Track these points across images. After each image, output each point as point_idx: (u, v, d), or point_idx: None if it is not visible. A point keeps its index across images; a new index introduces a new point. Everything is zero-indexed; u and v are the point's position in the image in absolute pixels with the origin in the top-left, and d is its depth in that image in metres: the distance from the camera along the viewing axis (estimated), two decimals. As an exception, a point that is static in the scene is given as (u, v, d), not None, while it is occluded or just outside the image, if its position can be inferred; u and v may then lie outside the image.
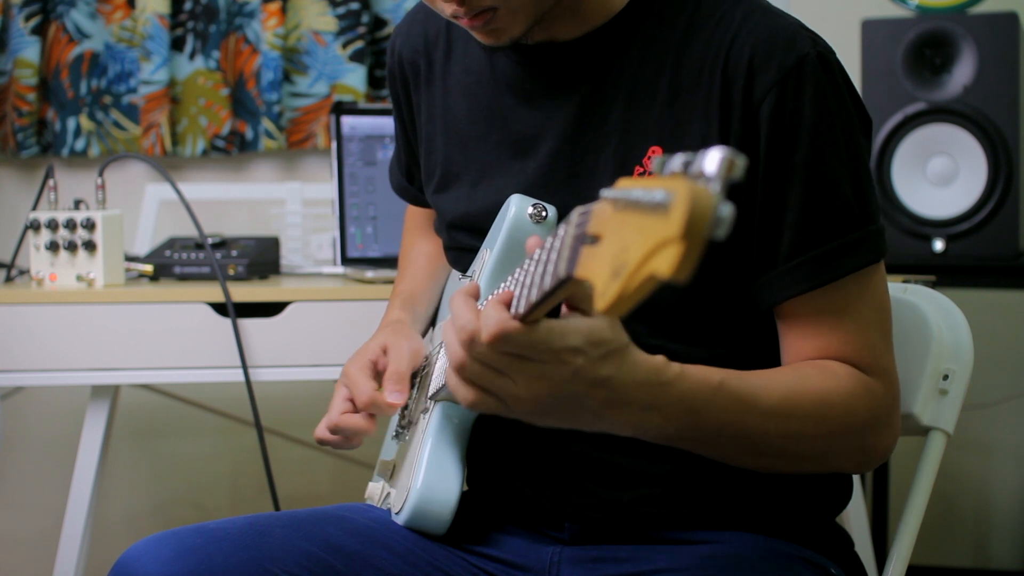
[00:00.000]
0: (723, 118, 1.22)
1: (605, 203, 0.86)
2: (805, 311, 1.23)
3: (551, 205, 1.26)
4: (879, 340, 1.24)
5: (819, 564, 1.29)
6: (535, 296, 0.96)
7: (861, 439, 1.24)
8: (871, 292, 1.24)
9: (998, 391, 2.81)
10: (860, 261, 1.22)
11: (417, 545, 1.30)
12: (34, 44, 2.72)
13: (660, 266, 0.76)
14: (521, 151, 1.32)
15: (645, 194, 0.78)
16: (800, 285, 1.22)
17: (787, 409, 1.18)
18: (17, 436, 2.78)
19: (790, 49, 1.21)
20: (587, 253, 0.87)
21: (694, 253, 0.75)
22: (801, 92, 1.20)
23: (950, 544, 2.90)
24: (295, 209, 2.42)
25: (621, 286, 0.79)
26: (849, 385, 1.21)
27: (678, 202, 0.75)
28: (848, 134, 1.23)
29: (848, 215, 1.22)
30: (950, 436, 1.41)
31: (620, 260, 0.80)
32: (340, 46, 2.80)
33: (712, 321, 1.26)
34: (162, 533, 1.26)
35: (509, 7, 1.21)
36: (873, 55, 2.41)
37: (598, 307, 0.82)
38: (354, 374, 1.35)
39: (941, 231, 2.37)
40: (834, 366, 1.22)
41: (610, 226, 0.84)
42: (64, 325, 1.96)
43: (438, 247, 1.51)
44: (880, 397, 1.23)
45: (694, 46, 1.24)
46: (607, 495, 1.28)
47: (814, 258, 1.21)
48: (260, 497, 2.66)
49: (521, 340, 1.00)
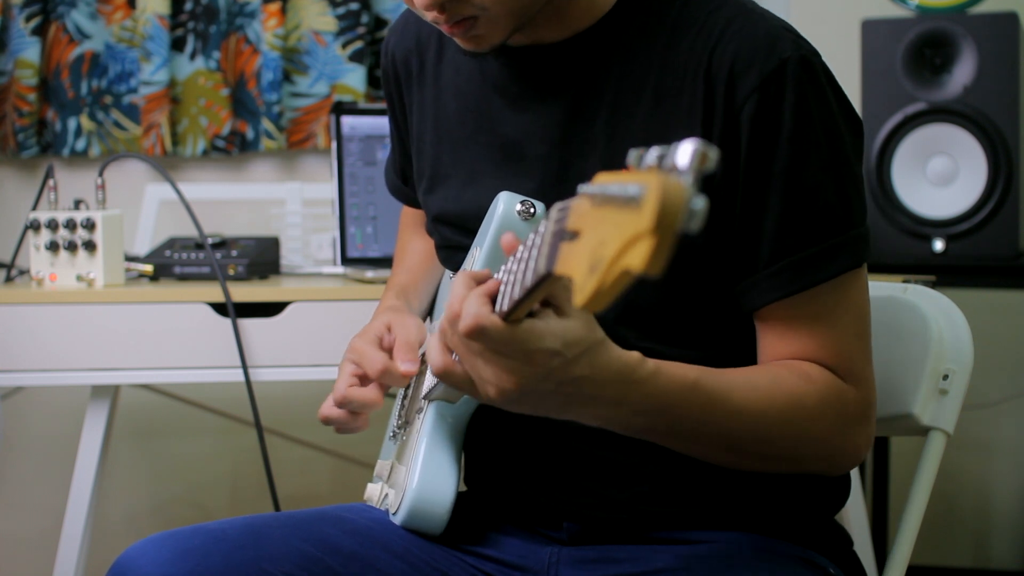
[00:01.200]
0: (706, 122, 1.21)
1: (583, 198, 0.86)
2: (783, 315, 1.22)
3: (540, 202, 1.26)
4: (856, 346, 1.24)
5: (818, 564, 1.29)
6: (518, 294, 0.97)
7: (831, 443, 1.23)
8: (850, 298, 1.23)
9: (998, 391, 2.81)
10: (839, 267, 1.21)
11: (415, 545, 1.30)
12: (34, 44, 2.72)
13: (633, 260, 0.76)
14: (509, 154, 1.32)
15: (620, 188, 0.78)
16: (778, 291, 1.21)
17: (760, 409, 1.17)
18: (17, 436, 2.78)
19: (771, 53, 1.20)
20: (566, 249, 0.87)
21: (665, 246, 0.75)
22: (782, 96, 1.19)
23: (950, 544, 2.90)
24: (295, 209, 2.42)
25: (598, 281, 0.79)
26: (822, 389, 1.21)
27: (649, 195, 0.75)
28: (831, 137, 1.22)
29: (829, 220, 1.21)
30: (950, 436, 1.41)
31: (597, 255, 0.80)
32: (340, 46, 2.80)
33: (700, 324, 1.26)
34: (160, 534, 1.26)
35: (489, 15, 1.20)
36: (873, 55, 2.41)
37: (576, 302, 0.82)
38: (363, 347, 1.34)
39: (941, 231, 2.37)
40: (808, 369, 1.21)
41: (588, 221, 0.84)
42: (64, 325, 1.96)
43: (432, 245, 1.51)
44: (852, 403, 1.23)
45: (678, 49, 1.24)
46: (605, 493, 1.28)
47: (792, 264, 1.21)
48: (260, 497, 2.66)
49: (496, 337, 1.00)
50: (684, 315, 1.25)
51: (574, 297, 0.82)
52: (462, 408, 1.30)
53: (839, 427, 1.23)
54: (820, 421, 1.21)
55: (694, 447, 1.19)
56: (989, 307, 2.77)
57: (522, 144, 1.31)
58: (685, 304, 1.24)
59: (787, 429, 1.20)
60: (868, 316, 1.26)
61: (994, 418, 2.84)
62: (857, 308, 1.24)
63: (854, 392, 1.23)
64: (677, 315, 1.24)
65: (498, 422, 1.33)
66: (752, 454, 1.21)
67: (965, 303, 1.52)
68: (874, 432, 1.26)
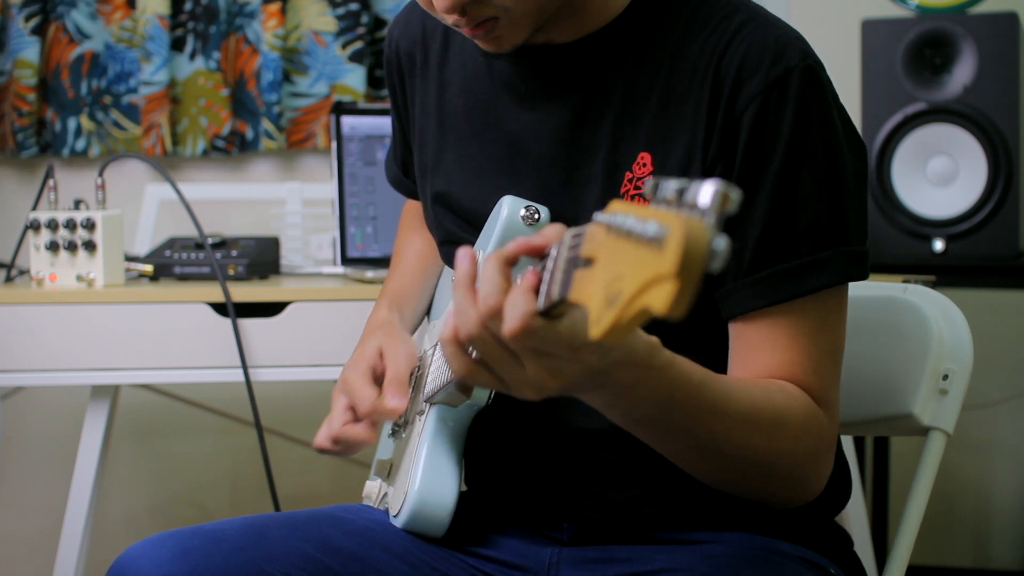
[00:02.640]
0: (708, 127, 1.20)
1: (598, 226, 0.85)
2: (759, 327, 1.20)
3: (544, 207, 1.26)
4: (829, 370, 1.22)
5: (818, 564, 1.29)
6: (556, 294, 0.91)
7: (804, 467, 1.21)
8: (830, 319, 1.21)
9: (998, 391, 2.81)
10: (821, 281, 1.19)
11: (415, 546, 1.30)
12: (34, 44, 2.72)
13: (655, 302, 0.75)
14: (515, 152, 1.31)
15: (639, 224, 0.77)
16: (758, 300, 1.20)
17: (750, 419, 1.16)
18: (17, 436, 2.78)
19: (778, 60, 1.19)
20: (580, 276, 0.86)
21: (689, 290, 0.74)
22: (783, 104, 1.18)
23: (950, 544, 2.90)
24: (295, 209, 2.42)
25: (616, 316, 0.79)
26: (804, 410, 1.19)
27: (672, 239, 0.74)
28: (829, 149, 1.20)
29: (818, 233, 1.19)
30: (950, 436, 1.41)
31: (614, 288, 0.79)
32: (340, 46, 2.80)
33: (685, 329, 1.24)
34: (159, 534, 1.26)
35: (511, 16, 1.20)
36: (873, 55, 2.41)
37: (592, 334, 0.81)
38: (354, 382, 1.33)
39: (941, 231, 2.37)
40: (791, 388, 1.20)
41: (603, 250, 0.83)
42: (64, 325, 1.96)
43: (430, 242, 1.51)
44: (824, 429, 1.21)
45: (688, 53, 1.23)
46: (605, 495, 1.28)
47: (774, 274, 1.19)
48: (260, 497, 2.66)
49: (544, 336, 0.94)
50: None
51: (589, 328, 0.81)
52: (464, 412, 1.30)
53: (813, 452, 1.21)
54: (801, 440, 1.19)
55: (682, 450, 1.18)
56: (989, 307, 2.77)
57: (528, 143, 1.30)
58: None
59: (771, 443, 1.18)
60: (843, 342, 1.23)
61: (994, 418, 2.84)
62: (835, 331, 1.22)
63: (826, 418, 1.21)
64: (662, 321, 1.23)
65: (499, 424, 1.32)
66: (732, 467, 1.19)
67: (965, 303, 1.52)
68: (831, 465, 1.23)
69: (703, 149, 1.20)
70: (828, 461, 1.23)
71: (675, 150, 1.22)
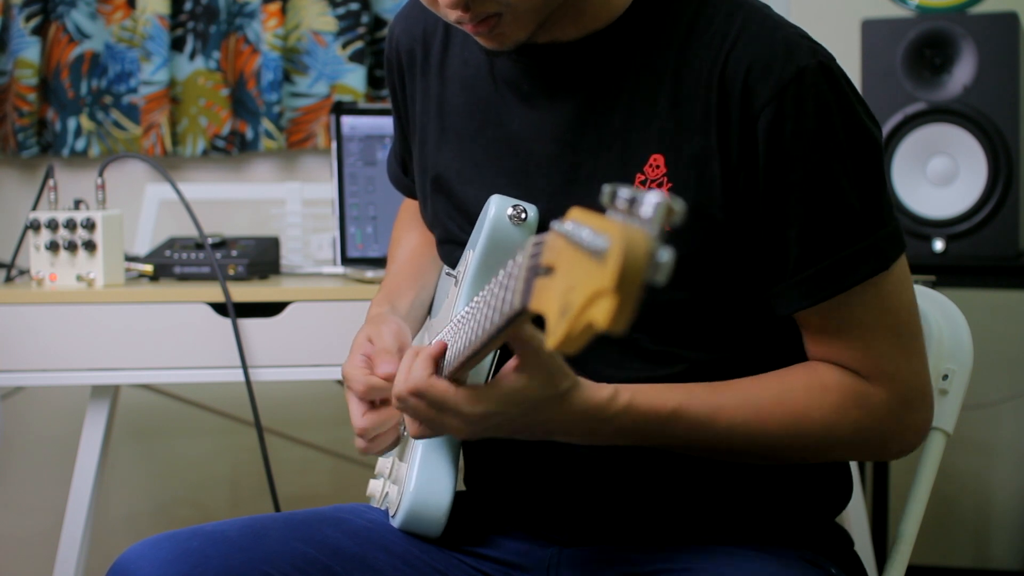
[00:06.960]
0: (721, 130, 1.20)
1: (558, 235, 0.85)
2: (813, 321, 1.23)
3: (532, 206, 1.26)
4: (889, 345, 1.23)
5: (819, 564, 1.29)
6: (467, 350, 1.04)
7: (849, 449, 1.26)
8: (880, 299, 1.22)
9: (998, 391, 2.81)
10: (864, 273, 1.20)
11: (415, 546, 1.30)
12: (34, 44, 2.72)
13: (596, 316, 0.76)
14: (516, 151, 1.31)
15: (590, 236, 0.78)
16: (805, 300, 1.21)
17: (757, 423, 1.20)
18: (17, 436, 2.78)
19: (788, 61, 1.19)
20: (541, 285, 0.87)
21: (628, 305, 0.74)
22: (802, 105, 1.18)
23: (950, 544, 2.90)
24: (295, 209, 2.42)
25: (567, 328, 0.79)
26: (835, 400, 1.22)
27: (613, 252, 0.74)
28: (854, 141, 1.20)
29: (854, 225, 1.20)
30: (950, 436, 1.41)
31: (567, 299, 0.80)
32: (340, 46, 2.80)
33: (720, 327, 1.25)
34: (159, 535, 1.26)
35: (514, 13, 1.19)
36: (873, 55, 2.41)
37: (548, 344, 0.82)
38: (350, 372, 1.34)
39: (941, 231, 2.37)
40: (826, 378, 1.23)
41: (562, 259, 0.83)
42: (64, 325, 1.96)
43: (425, 240, 1.51)
44: (877, 406, 1.23)
45: (694, 52, 1.23)
46: (605, 497, 1.28)
47: (817, 273, 1.20)
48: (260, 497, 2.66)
49: (435, 397, 1.11)
50: (705, 319, 1.24)
51: (547, 338, 0.83)
52: None
53: (859, 433, 1.23)
54: (832, 432, 1.22)
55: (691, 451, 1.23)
56: (989, 307, 2.77)
57: (530, 142, 1.30)
58: (706, 309, 1.24)
59: (796, 440, 1.22)
60: (906, 311, 1.24)
61: (994, 418, 2.84)
62: (890, 306, 1.23)
63: (882, 394, 1.23)
64: (698, 319, 1.24)
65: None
66: (755, 456, 1.24)
67: (965, 303, 1.52)
68: (916, 423, 1.26)
69: (720, 153, 1.20)
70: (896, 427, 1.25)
71: (689, 152, 1.21)
